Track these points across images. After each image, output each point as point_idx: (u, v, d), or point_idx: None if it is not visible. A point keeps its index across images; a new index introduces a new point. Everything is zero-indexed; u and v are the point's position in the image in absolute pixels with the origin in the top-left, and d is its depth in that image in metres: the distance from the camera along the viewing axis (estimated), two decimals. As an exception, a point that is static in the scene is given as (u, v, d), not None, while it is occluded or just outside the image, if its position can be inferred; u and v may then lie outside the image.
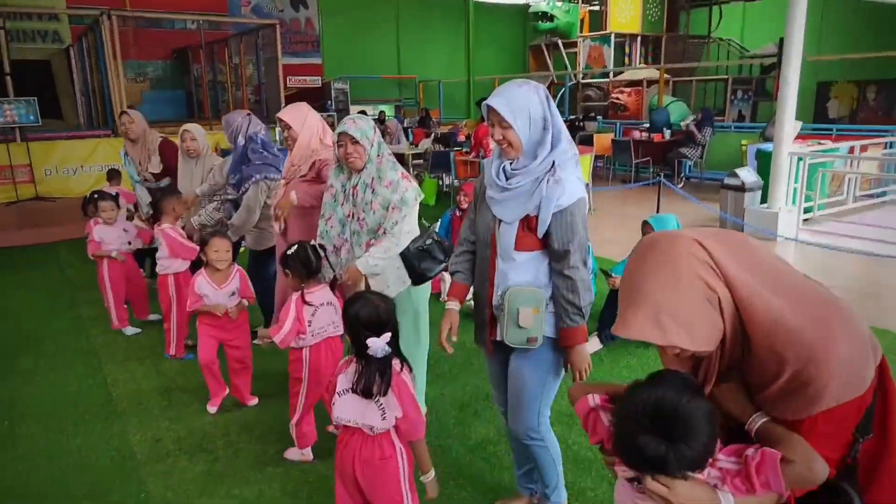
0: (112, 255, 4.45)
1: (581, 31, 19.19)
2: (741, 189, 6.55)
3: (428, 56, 21.82)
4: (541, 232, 2.09)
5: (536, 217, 2.08)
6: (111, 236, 4.61)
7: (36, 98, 9.47)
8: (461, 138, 9.05)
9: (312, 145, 3.28)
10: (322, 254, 2.80)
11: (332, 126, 4.27)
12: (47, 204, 9.15)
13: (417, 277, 2.88)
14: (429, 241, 2.87)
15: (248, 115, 3.89)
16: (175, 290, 3.90)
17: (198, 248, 3.81)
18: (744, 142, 9.17)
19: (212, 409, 3.36)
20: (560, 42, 19.28)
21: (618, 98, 16.83)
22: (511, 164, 2.14)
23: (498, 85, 18.48)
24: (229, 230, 3.74)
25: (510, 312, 2.16)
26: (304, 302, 2.70)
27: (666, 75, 17.25)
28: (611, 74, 17.43)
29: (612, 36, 17.47)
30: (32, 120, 9.35)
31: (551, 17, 18.68)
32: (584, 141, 9.53)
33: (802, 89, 17.03)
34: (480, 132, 7.47)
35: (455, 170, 8.05)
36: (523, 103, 2.04)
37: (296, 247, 2.75)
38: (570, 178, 2.09)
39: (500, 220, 2.16)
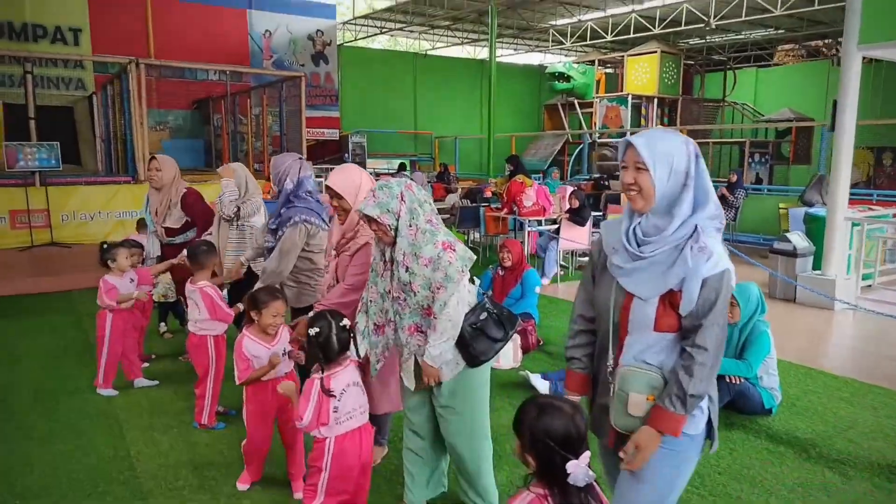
0: (134, 297, 4.11)
1: (597, 92, 19.40)
2: (793, 254, 6.25)
3: (444, 113, 22.10)
4: (685, 309, 1.77)
5: (680, 292, 1.77)
6: (121, 285, 4.26)
7: (58, 143, 9.35)
8: (488, 194, 8.88)
9: None
10: (350, 333, 2.46)
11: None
12: (62, 250, 8.88)
13: (472, 361, 2.49)
14: (483, 316, 2.47)
15: (300, 158, 3.61)
16: (214, 353, 3.55)
17: (233, 314, 3.59)
18: (782, 205, 8.95)
19: (243, 487, 2.96)
20: (576, 102, 19.48)
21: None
22: (641, 223, 1.84)
23: (516, 142, 18.62)
24: (260, 277, 3.43)
25: (619, 395, 1.84)
26: (326, 391, 2.34)
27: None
28: (627, 134, 17.46)
29: (630, 97, 17.64)
30: (53, 164, 9.19)
31: (568, 78, 18.92)
32: (612, 200, 9.32)
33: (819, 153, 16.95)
34: (514, 189, 7.28)
35: (485, 225, 7.83)
36: (667, 149, 1.77)
37: (320, 323, 2.38)
38: (715, 246, 1.79)
39: (634, 296, 1.84)
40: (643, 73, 18.33)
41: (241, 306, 3.49)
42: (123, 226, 9.20)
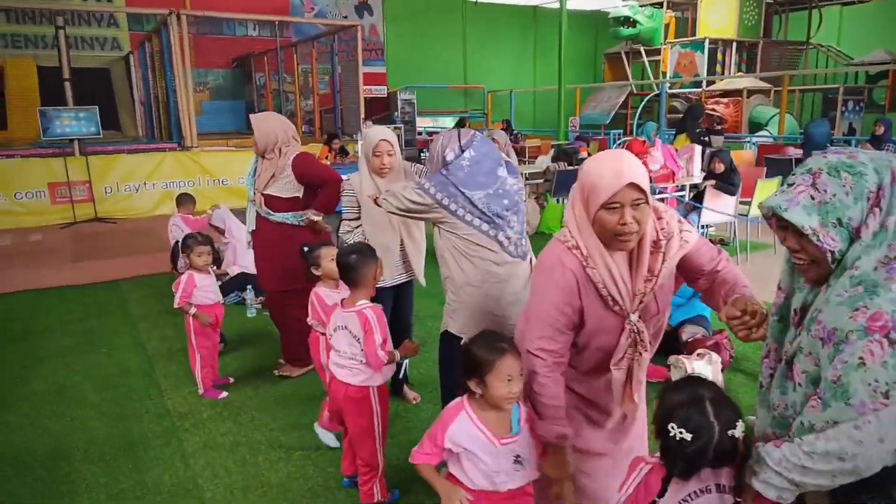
0: (191, 313, 3.32)
1: (665, 38, 17.66)
2: None
3: (495, 65, 20.59)
4: None
5: None
6: (207, 286, 3.38)
7: (97, 107, 8.42)
8: (583, 154, 7.69)
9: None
10: None
11: (400, 139, 3.34)
12: (107, 226, 8.06)
13: None
14: None
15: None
16: (379, 406, 2.50)
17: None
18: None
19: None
20: (642, 49, 17.80)
21: (714, 109, 15.23)
22: None
23: (580, 94, 17.12)
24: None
25: None
26: None
27: (764, 84, 15.63)
28: (704, 83, 15.85)
29: (706, 41, 15.92)
30: (93, 131, 8.29)
31: (634, 23, 17.21)
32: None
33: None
34: (635, 149, 6.07)
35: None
36: None
37: None
38: None
39: None
40: (720, 14, 16.51)
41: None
42: (171, 197, 8.28)
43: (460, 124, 14.88)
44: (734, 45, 16.36)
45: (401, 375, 3.23)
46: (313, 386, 3.49)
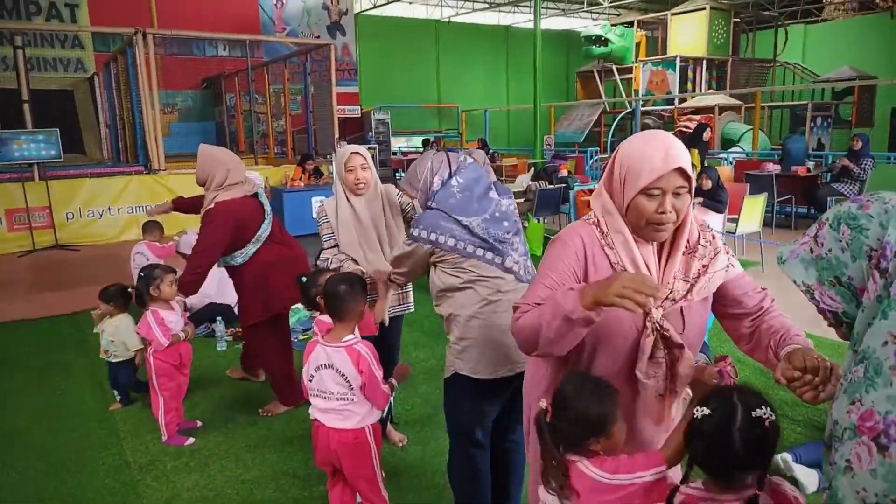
0: (181, 337, 3.15)
1: (636, 56, 17.87)
2: None
3: (468, 84, 20.61)
4: None
5: None
6: (173, 321, 3.11)
7: (58, 129, 8.06)
8: (564, 173, 7.55)
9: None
10: None
11: (375, 159, 3.48)
12: (69, 254, 7.65)
13: None
14: None
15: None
16: (376, 446, 2.37)
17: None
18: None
19: None
20: (615, 68, 17.96)
21: (686, 126, 15.36)
22: None
23: (554, 113, 17.15)
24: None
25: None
26: None
27: (735, 101, 15.84)
28: (676, 101, 16.00)
29: (678, 60, 16.10)
30: (54, 155, 7.92)
31: (605, 42, 17.41)
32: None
33: (881, 115, 15.49)
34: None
35: (576, 212, 6.49)
36: None
37: None
38: None
39: None
40: (690, 32, 16.75)
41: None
42: (137, 223, 7.93)
43: (426, 144, 14.85)
44: (704, 62, 16.57)
45: (385, 413, 2.96)
46: (290, 427, 3.21)
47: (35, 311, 5.23)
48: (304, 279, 2.65)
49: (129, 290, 3.32)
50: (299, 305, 4.65)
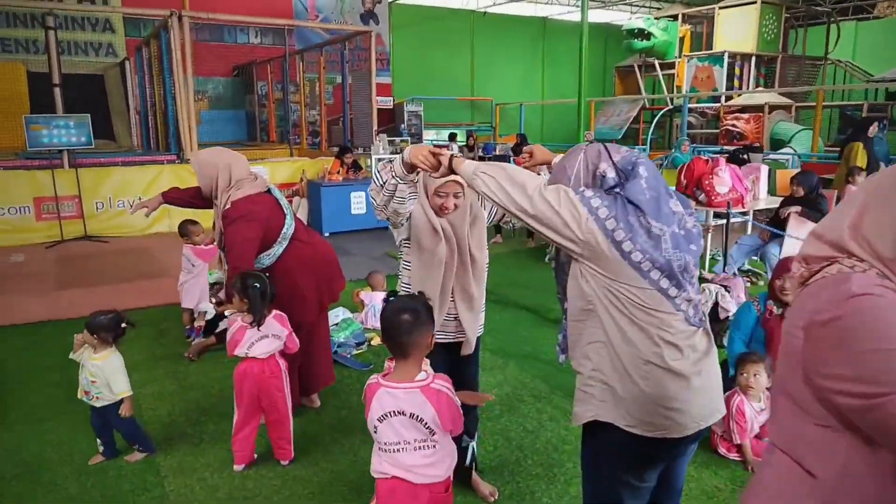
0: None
1: (679, 52, 17.16)
2: None
3: (503, 77, 20.02)
4: None
5: None
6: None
7: (89, 115, 7.71)
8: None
9: None
10: None
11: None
12: (97, 246, 7.32)
13: None
14: None
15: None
16: None
17: None
18: None
19: None
20: (657, 62, 17.28)
21: (734, 125, 14.68)
22: None
23: (594, 108, 16.53)
24: None
25: None
26: None
27: (785, 100, 15.10)
28: (722, 98, 15.29)
29: (726, 55, 15.37)
30: (84, 142, 7.57)
31: (648, 35, 16.72)
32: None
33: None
34: (698, 168, 5.38)
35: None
36: None
37: None
38: None
39: None
40: (739, 27, 16.01)
41: None
42: (169, 216, 7.59)
43: (453, 138, 14.35)
44: (753, 59, 15.82)
45: (468, 460, 2.49)
46: (354, 469, 2.76)
47: (61, 311, 4.85)
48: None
49: (124, 324, 2.73)
50: (352, 317, 4.24)
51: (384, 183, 2.05)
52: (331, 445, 2.95)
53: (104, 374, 2.70)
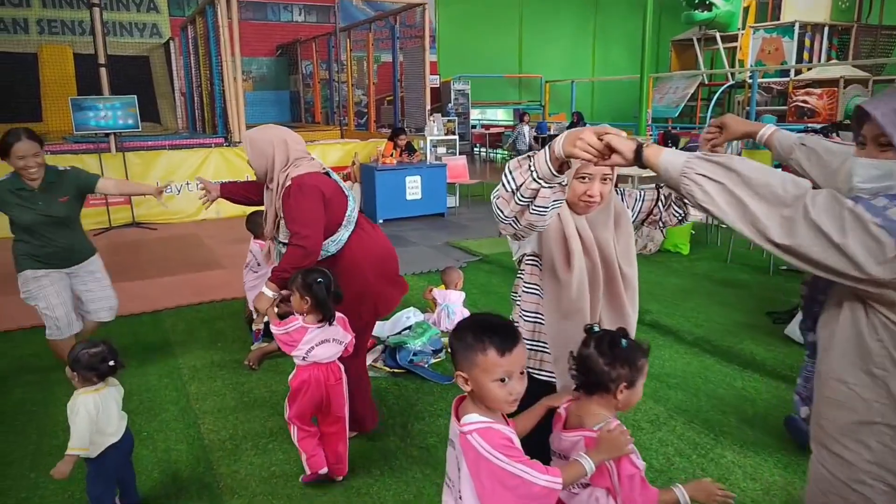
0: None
1: (744, 23, 16.12)
2: None
3: (551, 54, 19.21)
4: None
5: None
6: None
7: (136, 96, 7.44)
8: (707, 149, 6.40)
9: None
10: None
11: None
12: (145, 233, 7.08)
13: None
14: None
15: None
16: None
17: None
18: None
19: None
20: (717, 35, 16.27)
21: (805, 101, 13.69)
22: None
23: (653, 84, 15.68)
24: None
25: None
26: None
27: (862, 73, 14.01)
28: (791, 72, 14.27)
29: (797, 25, 14.31)
30: (132, 124, 7.31)
31: (710, 6, 15.72)
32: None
33: None
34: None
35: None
36: None
37: None
38: None
39: None
40: (811, -6, 14.90)
41: None
42: (218, 202, 7.25)
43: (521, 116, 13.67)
44: (826, 29, 14.71)
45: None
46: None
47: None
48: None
49: (112, 363, 2.10)
50: (430, 322, 3.80)
51: (518, 187, 1.45)
52: (424, 484, 2.50)
53: (73, 418, 2.06)
